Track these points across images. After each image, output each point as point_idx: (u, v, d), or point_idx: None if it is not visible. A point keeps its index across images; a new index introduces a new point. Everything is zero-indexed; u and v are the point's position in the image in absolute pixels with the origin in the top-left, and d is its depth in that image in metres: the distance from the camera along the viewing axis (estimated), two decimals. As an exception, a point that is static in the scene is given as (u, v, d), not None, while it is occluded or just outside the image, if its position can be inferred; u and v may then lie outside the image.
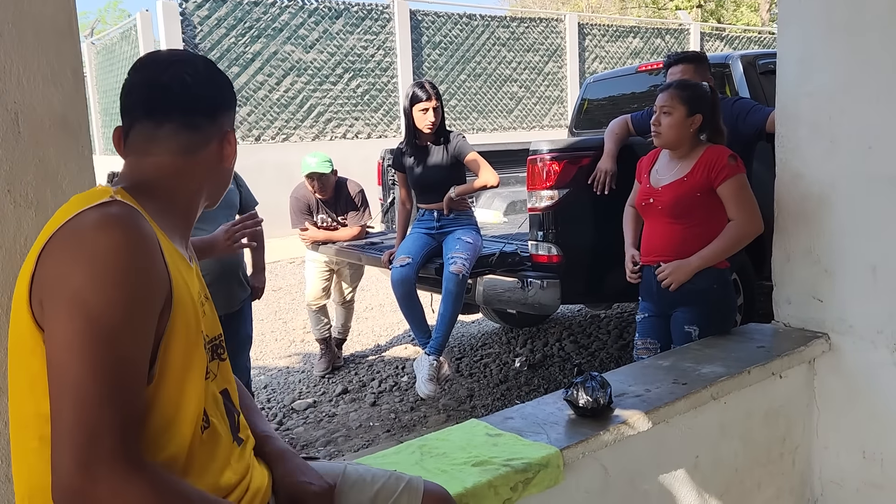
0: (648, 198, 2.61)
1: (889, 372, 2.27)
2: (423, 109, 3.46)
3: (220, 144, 1.14)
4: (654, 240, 2.63)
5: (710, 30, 15.31)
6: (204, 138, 1.12)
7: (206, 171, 1.14)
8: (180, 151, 1.10)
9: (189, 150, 1.10)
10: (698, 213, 2.52)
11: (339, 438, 3.64)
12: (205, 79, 1.12)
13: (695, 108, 2.50)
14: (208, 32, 9.57)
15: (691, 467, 2.06)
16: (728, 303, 2.64)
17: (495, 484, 1.56)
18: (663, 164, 2.63)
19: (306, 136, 10.36)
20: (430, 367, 3.45)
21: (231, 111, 1.18)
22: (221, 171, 1.17)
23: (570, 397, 1.85)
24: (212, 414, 1.08)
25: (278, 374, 4.70)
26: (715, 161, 2.47)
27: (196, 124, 1.11)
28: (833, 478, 2.46)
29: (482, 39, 12.01)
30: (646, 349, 2.69)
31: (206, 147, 1.12)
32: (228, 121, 1.17)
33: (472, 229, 3.58)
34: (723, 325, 2.57)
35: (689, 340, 2.52)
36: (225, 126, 1.15)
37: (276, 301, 6.68)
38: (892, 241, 2.23)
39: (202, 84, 1.11)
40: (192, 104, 1.10)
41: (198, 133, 1.11)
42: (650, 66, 5.22)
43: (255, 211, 3.04)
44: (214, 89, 1.14)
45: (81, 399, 0.87)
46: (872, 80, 2.21)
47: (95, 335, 0.88)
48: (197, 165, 1.12)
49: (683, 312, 2.57)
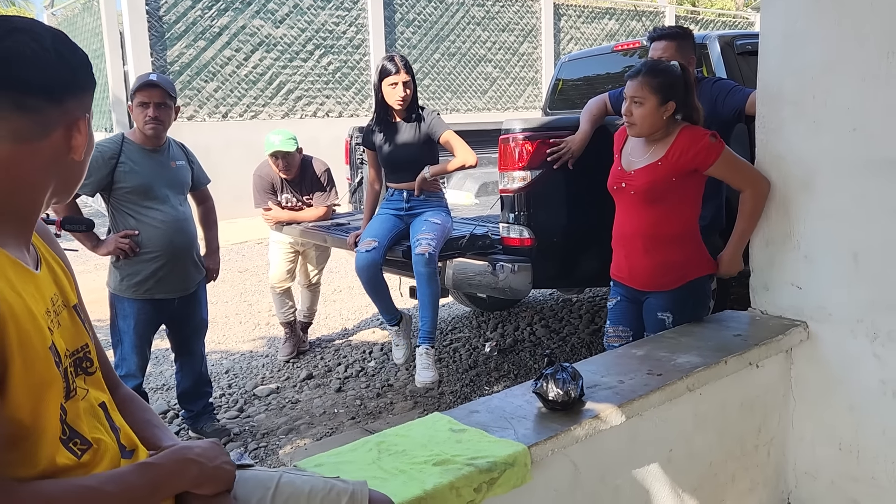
0: (620, 181, 2.49)
1: (868, 362, 2.20)
2: (392, 84, 3.30)
3: (68, 133, 0.97)
4: (626, 226, 2.52)
5: (684, 13, 15.24)
6: (42, 124, 0.95)
7: (47, 164, 0.97)
8: (12, 137, 0.93)
9: (23, 137, 0.94)
10: (672, 197, 2.41)
11: (301, 426, 3.51)
12: (52, 54, 0.94)
13: (667, 95, 2.36)
14: (173, 4, 9.24)
15: (665, 461, 1.97)
16: (703, 289, 2.55)
17: (457, 485, 1.44)
18: (636, 145, 2.50)
19: (275, 114, 10.10)
20: (425, 356, 3.33)
21: (85, 95, 1.00)
22: (70, 165, 1.00)
23: (540, 390, 1.75)
24: (92, 430, 0.97)
25: (241, 358, 4.55)
26: (694, 145, 2.35)
27: (34, 106, 0.93)
28: (808, 470, 2.40)
29: (457, 18, 11.80)
30: (617, 337, 2.59)
31: (46, 135, 0.95)
32: (80, 106, 0.99)
33: (441, 211, 3.45)
34: (697, 312, 2.49)
35: (663, 327, 2.43)
36: (75, 112, 0.98)
37: (242, 283, 6.50)
38: (874, 228, 2.14)
39: (46, 60, 0.94)
40: (24, 81, 0.92)
41: (34, 117, 0.94)
42: (626, 45, 5.11)
43: (133, 231, 2.89)
44: (62, 68, 0.96)
45: None
46: (859, 58, 2.11)
47: None
48: (35, 156, 0.95)
49: (657, 298, 2.48)
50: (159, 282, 2.95)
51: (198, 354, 3.24)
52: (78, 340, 1.01)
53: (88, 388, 1.00)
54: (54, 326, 0.94)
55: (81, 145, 0.99)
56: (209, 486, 1.02)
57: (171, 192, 2.96)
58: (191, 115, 9.50)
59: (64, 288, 1.03)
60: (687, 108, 2.44)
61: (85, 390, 0.99)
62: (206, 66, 9.55)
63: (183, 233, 2.98)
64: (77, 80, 0.99)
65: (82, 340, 1.03)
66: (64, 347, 0.95)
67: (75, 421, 0.95)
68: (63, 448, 0.93)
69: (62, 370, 0.94)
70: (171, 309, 3.06)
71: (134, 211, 2.90)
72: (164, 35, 9.24)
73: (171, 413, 3.63)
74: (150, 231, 2.90)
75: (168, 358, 4.05)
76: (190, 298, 3.09)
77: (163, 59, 9.24)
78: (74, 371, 0.98)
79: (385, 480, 1.44)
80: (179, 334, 3.18)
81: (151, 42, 9.12)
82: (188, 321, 3.15)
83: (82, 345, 1.02)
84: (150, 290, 2.95)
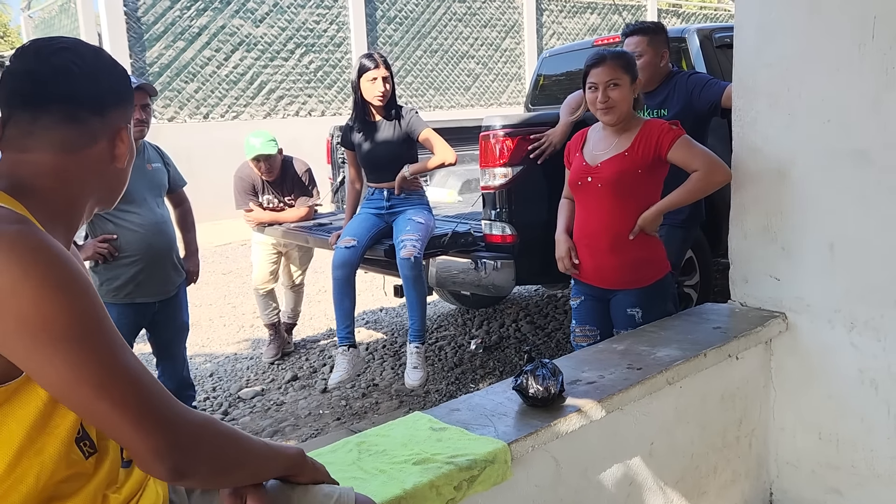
0: (585, 176, 2.46)
1: (846, 351, 2.22)
2: (372, 79, 3.28)
3: (112, 143, 1.04)
4: (590, 223, 2.48)
5: (666, 6, 15.31)
6: (89, 135, 1.02)
7: (92, 172, 1.04)
8: (61, 148, 1.00)
9: (71, 148, 1.00)
10: (638, 192, 2.40)
11: (286, 428, 3.49)
12: (93, 69, 1.02)
13: (634, 73, 2.43)
14: (151, 5, 9.17)
15: (646, 455, 1.98)
16: (669, 286, 2.57)
17: (437, 484, 1.44)
18: (598, 140, 2.50)
19: (257, 114, 10.05)
20: (415, 355, 3.31)
21: (126, 107, 1.08)
22: (114, 173, 1.07)
23: (520, 386, 1.75)
24: (101, 437, 1.00)
25: (225, 361, 4.52)
26: (655, 131, 2.37)
27: (80, 118, 1.00)
28: (789, 459, 2.42)
29: (438, 14, 11.79)
30: (584, 336, 2.59)
31: (92, 145, 1.02)
32: (122, 117, 1.06)
33: (423, 209, 3.44)
34: (665, 308, 2.50)
35: (633, 323, 2.44)
36: (117, 123, 1.05)
37: (226, 285, 6.47)
38: (849, 218, 2.16)
39: (89, 75, 1.01)
40: (74, 96, 1.00)
41: (82, 128, 1.01)
42: (606, 39, 5.11)
43: (111, 235, 2.86)
44: (104, 82, 1.04)
45: (113, 392, 0.88)
46: (832, 49, 2.12)
47: (79, 336, 0.87)
48: (82, 165, 1.02)
49: (626, 295, 2.47)
50: (139, 286, 2.93)
51: (179, 358, 3.22)
52: None
53: None
54: None
55: (124, 154, 1.06)
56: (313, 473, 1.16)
57: (149, 194, 2.93)
58: (171, 117, 9.43)
59: None
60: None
61: None
62: (186, 66, 9.48)
63: (162, 235, 2.95)
64: (118, 93, 1.06)
65: None
66: None
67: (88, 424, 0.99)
68: (75, 446, 0.96)
69: None
70: (151, 313, 3.04)
71: (111, 214, 2.86)
72: (142, 36, 9.16)
73: (155, 417, 3.60)
74: (128, 234, 2.87)
75: (150, 362, 4.02)
76: (170, 301, 3.06)
77: (142, 60, 9.17)
78: None
79: (365, 481, 1.44)
80: (160, 338, 3.15)
81: (130, 43, 9.05)
82: (169, 325, 3.12)
83: None
84: (130, 294, 2.92)
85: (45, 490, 0.92)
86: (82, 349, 0.87)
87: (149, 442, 0.89)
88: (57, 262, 0.87)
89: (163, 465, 0.90)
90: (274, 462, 1.08)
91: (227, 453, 0.98)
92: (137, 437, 0.89)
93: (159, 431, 0.89)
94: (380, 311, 5.39)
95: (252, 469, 1.04)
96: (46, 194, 0.98)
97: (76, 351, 0.86)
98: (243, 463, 1.02)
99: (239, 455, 1.01)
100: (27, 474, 0.90)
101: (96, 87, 1.02)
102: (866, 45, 2.04)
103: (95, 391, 0.87)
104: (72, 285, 0.88)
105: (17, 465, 0.89)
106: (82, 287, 0.89)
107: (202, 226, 3.41)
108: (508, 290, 3.53)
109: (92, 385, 0.87)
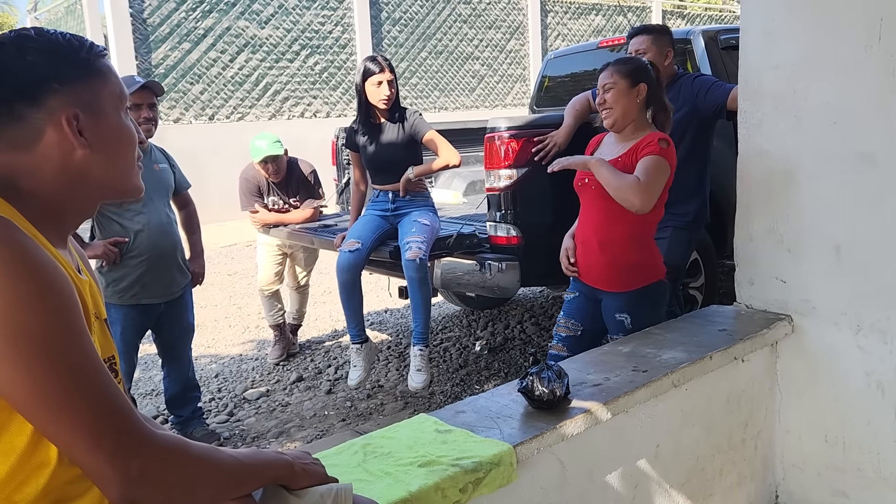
0: (584, 177, 2.51)
1: (852, 354, 2.21)
2: (377, 83, 3.29)
3: (59, 129, 0.94)
4: (586, 223, 2.54)
5: (671, 7, 15.29)
6: (32, 129, 0.94)
7: (58, 165, 0.95)
8: (16, 148, 0.94)
9: (24, 145, 0.94)
10: None
11: (292, 429, 3.50)
12: (13, 58, 0.93)
13: (637, 78, 2.42)
14: (157, 6, 9.19)
15: (652, 457, 1.98)
16: (659, 292, 2.55)
17: (443, 486, 1.44)
18: (607, 145, 2.55)
19: (262, 116, 10.07)
20: (419, 358, 3.32)
21: (67, 87, 0.95)
22: (85, 161, 0.97)
23: (526, 388, 1.75)
24: None
25: (231, 362, 4.53)
26: (644, 142, 2.39)
27: (17, 114, 0.93)
28: (795, 462, 2.41)
29: (443, 16, 11.79)
30: (566, 328, 2.61)
31: (40, 138, 0.94)
32: (64, 101, 0.95)
33: (428, 210, 3.44)
34: (655, 314, 2.50)
35: (623, 328, 2.45)
36: (62, 107, 0.94)
37: (231, 286, 6.48)
38: (856, 220, 2.16)
39: (15, 65, 0.93)
40: (3, 91, 0.92)
41: (23, 123, 0.93)
42: (611, 41, 5.11)
43: (123, 238, 2.88)
44: (28, 68, 0.93)
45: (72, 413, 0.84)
46: (838, 52, 2.12)
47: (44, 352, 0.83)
48: (43, 160, 0.94)
49: (613, 299, 2.49)
50: (145, 287, 2.94)
51: (185, 359, 3.23)
52: (107, 351, 1.04)
53: None
54: (92, 331, 0.96)
55: (73, 141, 0.95)
56: (304, 479, 1.12)
57: (156, 195, 2.95)
58: (177, 118, 9.46)
59: (97, 300, 1.06)
60: (657, 102, 2.48)
61: None
62: (191, 68, 9.50)
63: (167, 236, 2.96)
64: (52, 75, 0.94)
65: (111, 351, 1.05)
66: None
67: None
68: None
69: None
70: (157, 314, 3.05)
71: (118, 215, 2.88)
72: (148, 38, 9.19)
73: (161, 418, 3.61)
74: (137, 235, 2.88)
75: (156, 363, 4.03)
76: (176, 303, 3.07)
77: (147, 61, 9.19)
78: None
79: (370, 483, 1.44)
80: (166, 339, 3.16)
81: (136, 45, 9.07)
82: (175, 326, 3.13)
83: (110, 355, 1.05)
84: (136, 296, 2.94)
85: (51, 492, 0.91)
86: (43, 367, 0.83)
87: (101, 470, 0.85)
88: (24, 270, 0.84)
89: (114, 493, 0.86)
90: (253, 478, 1.05)
91: (192, 479, 0.93)
92: (90, 462, 0.86)
93: (113, 460, 0.85)
94: (384, 313, 5.40)
95: (225, 490, 1.00)
96: (30, 195, 0.95)
97: (36, 368, 0.83)
98: (214, 486, 0.97)
99: (208, 479, 0.96)
100: (32, 476, 0.90)
101: (20, 77, 0.93)
102: (873, 48, 2.04)
103: (51, 413, 0.84)
104: (41, 296, 0.84)
105: (20, 467, 0.89)
106: (52, 300, 0.85)
107: (207, 227, 3.43)
108: (513, 292, 3.53)
109: (49, 406, 0.84)
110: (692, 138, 3.14)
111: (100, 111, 0.98)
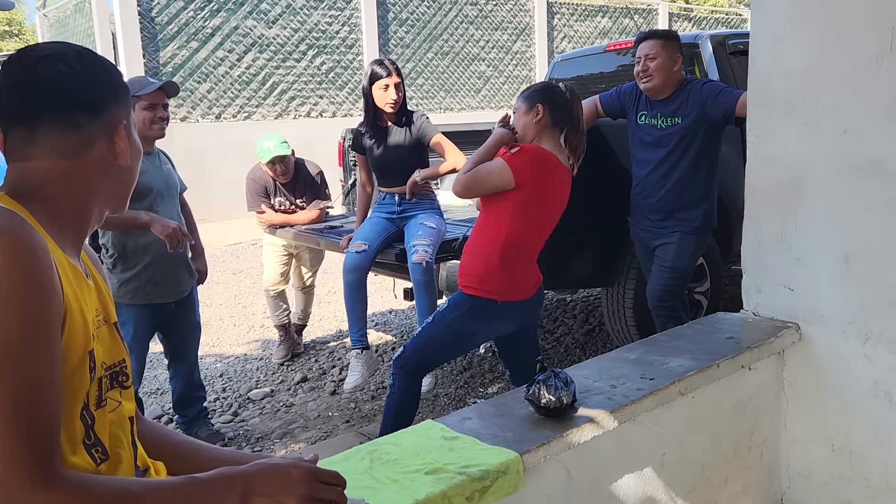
0: None
1: (859, 363, 2.20)
2: (384, 86, 3.29)
3: (111, 141, 1.04)
4: None
5: (678, 10, 15.26)
6: (87, 137, 1.02)
7: (97, 174, 1.03)
8: (62, 154, 1.00)
9: (72, 153, 1.01)
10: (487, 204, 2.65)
11: (296, 429, 3.50)
12: (79, 72, 1.01)
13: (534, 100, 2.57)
14: (165, 5, 9.21)
15: (658, 465, 1.97)
16: (460, 303, 2.67)
17: (449, 494, 1.44)
18: None
19: (269, 115, 10.08)
20: None
21: (121, 104, 1.06)
22: (118, 172, 1.07)
23: (532, 396, 1.74)
24: (114, 444, 1.00)
25: (235, 361, 4.54)
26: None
27: (75, 123, 1.01)
28: (801, 471, 2.40)
29: (450, 17, 11.79)
30: None
31: (92, 147, 1.02)
32: (117, 115, 1.05)
33: (434, 213, 3.44)
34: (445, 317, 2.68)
35: None
36: (114, 120, 1.05)
37: (237, 285, 6.49)
38: (865, 229, 2.15)
39: (76, 79, 1.01)
40: (65, 103, 1.00)
41: (79, 132, 1.01)
42: (618, 45, 5.10)
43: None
44: (93, 82, 1.03)
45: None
46: (848, 60, 2.11)
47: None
48: (85, 168, 1.02)
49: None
50: (156, 286, 2.95)
51: (191, 359, 3.24)
52: (116, 355, 1.06)
53: (122, 401, 1.05)
54: (92, 338, 0.98)
55: (125, 150, 1.06)
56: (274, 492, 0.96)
57: (168, 194, 2.97)
58: (184, 117, 9.47)
59: (106, 304, 1.08)
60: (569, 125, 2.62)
61: (117, 402, 1.04)
62: (198, 67, 9.52)
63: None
64: (110, 90, 1.05)
65: (120, 356, 1.07)
66: (101, 359, 1.00)
67: (101, 431, 0.99)
68: (85, 453, 0.97)
69: (95, 378, 0.98)
70: (168, 313, 3.06)
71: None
72: (156, 36, 9.21)
73: (166, 418, 3.62)
74: (147, 235, 2.88)
75: (162, 362, 4.04)
76: (185, 302, 3.08)
77: (155, 60, 9.21)
78: (110, 383, 1.02)
79: (377, 490, 1.44)
80: (174, 338, 3.17)
81: (144, 43, 9.09)
82: (183, 325, 3.14)
83: (120, 360, 1.07)
84: (148, 295, 2.95)
85: None
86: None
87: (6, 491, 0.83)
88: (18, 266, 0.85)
89: None
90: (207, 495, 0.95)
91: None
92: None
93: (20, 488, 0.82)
94: (389, 314, 5.40)
95: None
96: (53, 201, 0.99)
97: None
98: None
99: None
100: None
101: (85, 90, 1.02)
102: (884, 56, 2.03)
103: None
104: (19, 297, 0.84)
105: None
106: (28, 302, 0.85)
107: (213, 225, 3.45)
108: (518, 296, 3.51)
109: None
110: (700, 144, 3.13)
111: (132, 125, 1.09)
